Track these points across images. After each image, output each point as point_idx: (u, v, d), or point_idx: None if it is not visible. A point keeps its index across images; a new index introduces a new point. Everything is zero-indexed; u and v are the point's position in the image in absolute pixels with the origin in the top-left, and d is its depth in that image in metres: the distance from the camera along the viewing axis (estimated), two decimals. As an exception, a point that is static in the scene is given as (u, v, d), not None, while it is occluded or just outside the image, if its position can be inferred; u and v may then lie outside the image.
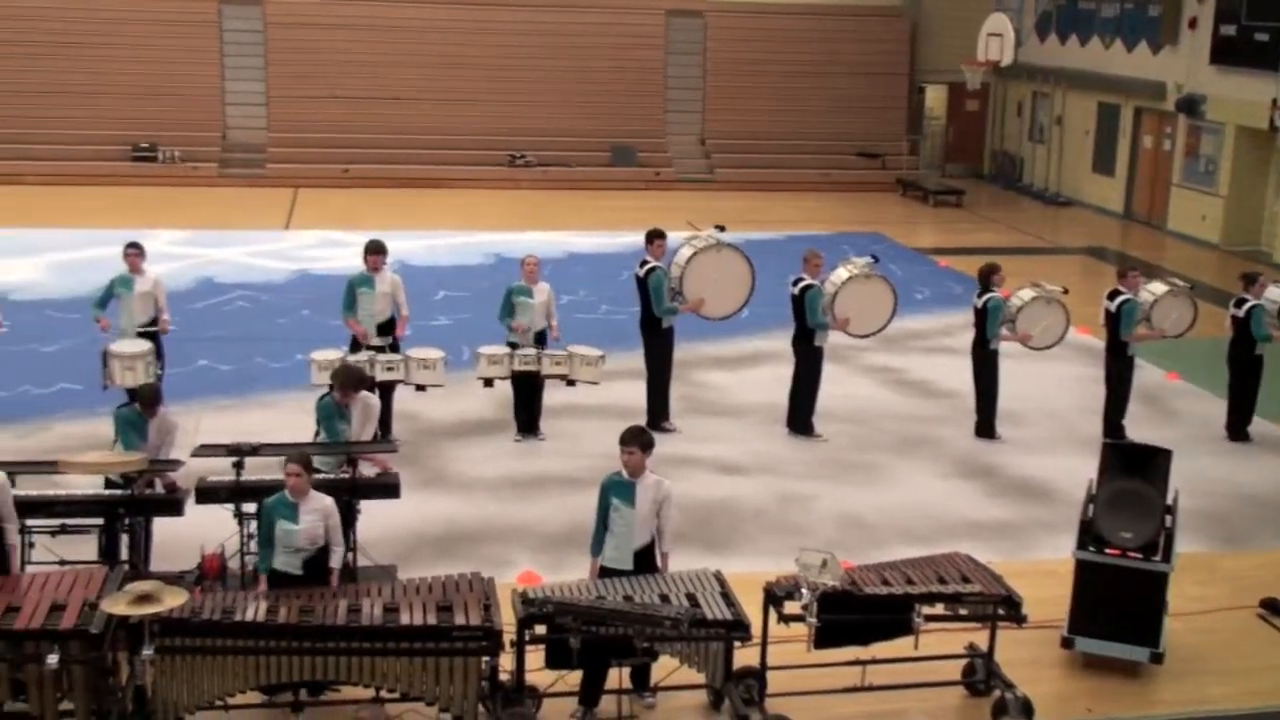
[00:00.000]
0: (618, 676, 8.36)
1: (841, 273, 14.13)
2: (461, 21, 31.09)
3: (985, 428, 14.21)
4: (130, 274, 13.31)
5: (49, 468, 9.76)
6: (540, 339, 13.65)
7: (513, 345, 13.54)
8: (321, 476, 9.52)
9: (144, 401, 10.13)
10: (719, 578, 8.52)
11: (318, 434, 10.67)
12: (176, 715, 7.80)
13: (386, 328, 13.47)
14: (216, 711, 8.05)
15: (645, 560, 8.68)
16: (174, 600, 7.53)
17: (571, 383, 13.58)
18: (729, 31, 32.47)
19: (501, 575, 9.14)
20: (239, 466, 9.69)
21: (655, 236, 14.08)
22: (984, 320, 13.96)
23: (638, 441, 8.58)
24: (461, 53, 30.98)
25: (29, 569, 9.00)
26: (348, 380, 10.49)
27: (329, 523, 8.63)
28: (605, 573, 8.66)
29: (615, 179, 30.80)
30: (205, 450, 10.11)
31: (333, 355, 12.85)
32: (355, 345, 13.35)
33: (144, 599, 7.46)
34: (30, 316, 17.11)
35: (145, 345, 12.87)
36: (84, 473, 9.83)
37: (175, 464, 9.98)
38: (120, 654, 7.88)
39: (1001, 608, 8.60)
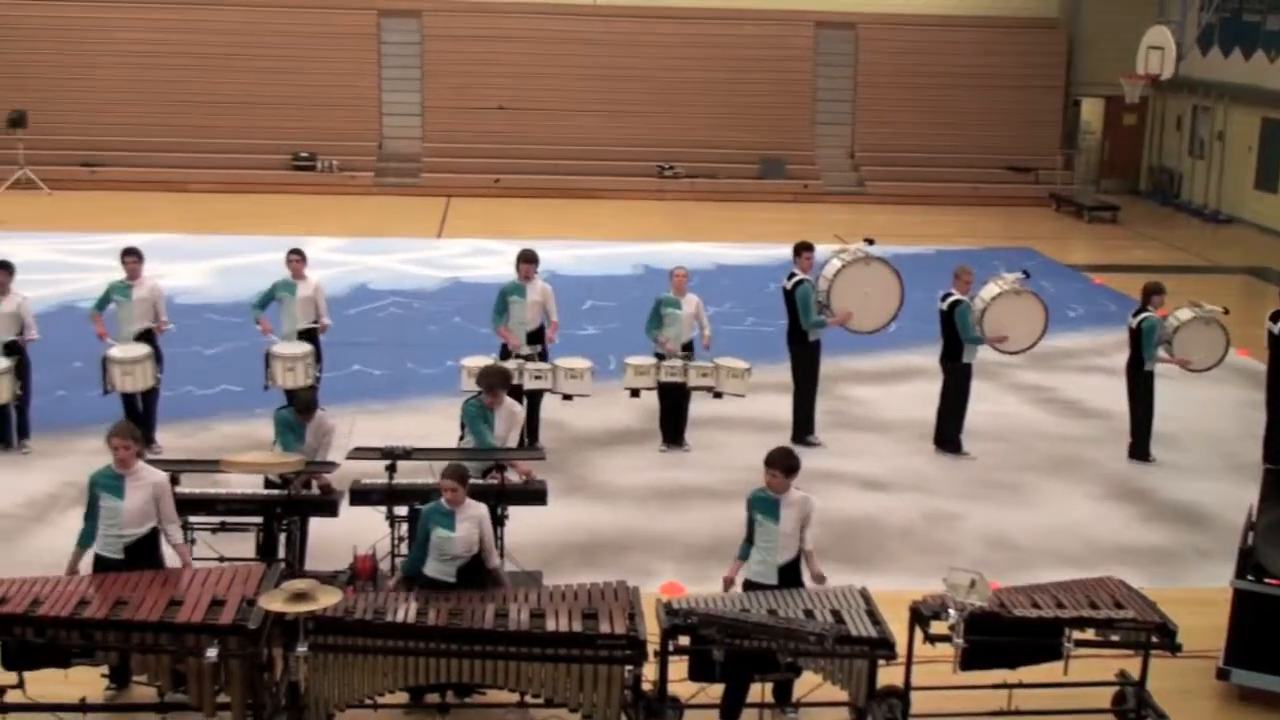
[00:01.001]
0: (759, 690, 8.34)
1: (992, 288, 13.93)
2: (612, 34, 31.36)
3: (1139, 450, 13.89)
4: (292, 279, 13.69)
5: (211, 467, 10.08)
6: (688, 349, 13.71)
7: (660, 356, 13.61)
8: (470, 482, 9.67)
9: (298, 409, 10.41)
10: (864, 595, 8.46)
11: (462, 438, 10.84)
12: (327, 712, 7.97)
13: (536, 336, 13.65)
14: (365, 710, 8.24)
15: (790, 575, 8.67)
16: (328, 599, 7.70)
17: (718, 395, 13.60)
18: (880, 43, 32.24)
19: (645, 585, 9.18)
20: (392, 470, 9.90)
21: (803, 249, 14.03)
22: (1139, 340, 13.65)
23: (781, 465, 8.56)
24: (612, 64, 31.24)
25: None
26: (494, 379, 10.63)
27: (483, 530, 8.78)
28: (749, 586, 8.66)
29: (763, 191, 30.78)
30: (359, 453, 10.35)
31: (483, 362, 13.03)
32: (505, 353, 13.54)
33: (299, 597, 7.65)
34: (193, 320, 17.65)
35: (306, 348, 13.25)
36: (244, 472, 10.13)
37: (331, 466, 10.23)
38: (275, 650, 8.10)
39: (1155, 635, 8.38)
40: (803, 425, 14.03)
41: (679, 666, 8.10)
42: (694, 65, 31.42)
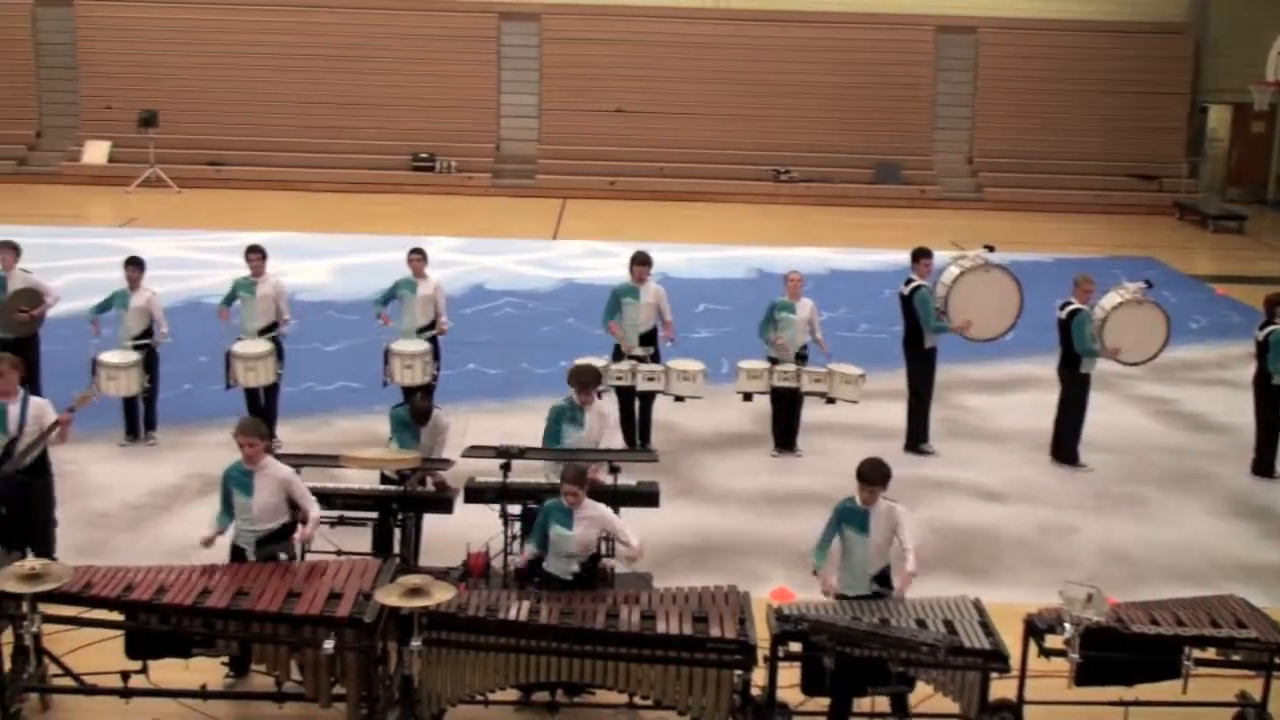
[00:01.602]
0: (870, 701, 8.27)
1: (1113, 297, 13.69)
2: (731, 37, 31.33)
3: (1264, 465, 13.56)
4: (414, 278, 13.89)
5: (330, 462, 10.25)
6: (802, 354, 13.67)
7: (773, 360, 13.60)
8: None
9: (414, 417, 10.54)
10: (978, 606, 8.37)
11: (554, 440, 10.82)
12: (439, 706, 8.09)
13: (649, 338, 13.71)
14: (476, 706, 8.34)
15: (882, 585, 8.64)
16: (442, 595, 7.81)
17: (831, 400, 13.55)
18: (1001, 48, 31.82)
19: (755, 590, 9.16)
20: (506, 469, 10.00)
21: (921, 255, 13.93)
22: (1267, 353, 13.32)
23: (879, 479, 8.51)
24: (729, 68, 31.21)
25: (309, 557, 9.48)
26: (586, 377, 10.63)
27: (609, 529, 8.86)
28: (841, 599, 8.61)
29: (879, 196, 30.53)
30: (475, 451, 10.46)
31: (596, 363, 13.15)
32: (618, 354, 13.62)
33: (414, 592, 7.77)
34: (314, 317, 17.98)
35: (424, 345, 13.48)
36: (362, 468, 10.31)
37: (446, 463, 10.37)
38: (390, 643, 8.24)
39: (1278, 656, 8.20)
40: (917, 433, 13.92)
41: (788, 672, 8.09)
42: (812, 69, 31.28)
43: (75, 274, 16.73)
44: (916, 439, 13.88)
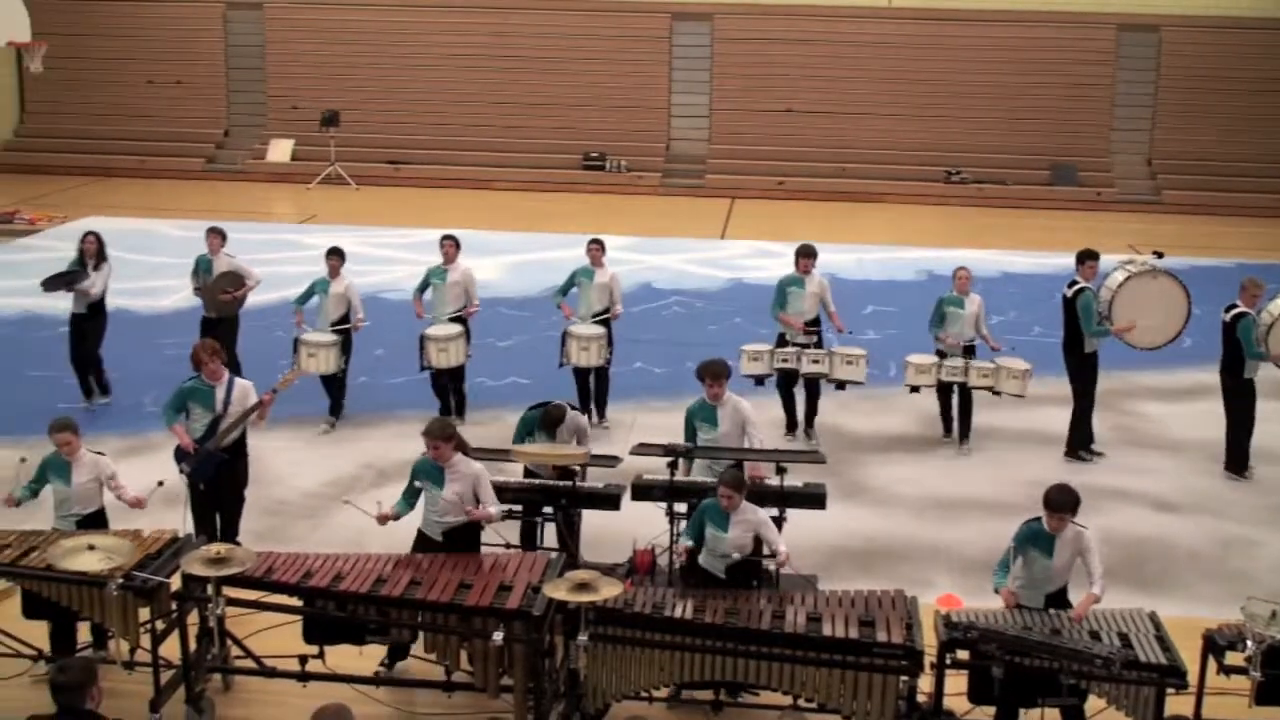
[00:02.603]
0: (1039, 713, 8.15)
1: None
2: (903, 36, 30.98)
3: None
4: (591, 266, 14.40)
5: (501, 456, 10.43)
6: (969, 351, 13.57)
7: (941, 355, 13.60)
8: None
9: (545, 423, 10.55)
10: (1154, 619, 8.17)
11: (690, 440, 10.70)
12: (604, 701, 8.18)
13: (812, 327, 13.89)
14: (640, 703, 8.41)
15: (1057, 602, 8.50)
16: (610, 591, 7.87)
17: (997, 393, 13.42)
18: (1186, 46, 30.86)
19: (920, 595, 9.07)
20: (673, 467, 10.06)
21: (1087, 257, 13.68)
22: None
23: (1069, 508, 8.35)
24: (902, 67, 30.88)
25: (481, 549, 9.66)
26: (717, 368, 10.46)
27: (761, 533, 8.88)
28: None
29: (1053, 198, 29.90)
30: (643, 449, 10.56)
31: (762, 348, 13.58)
32: (781, 341, 13.85)
33: (582, 587, 7.86)
34: (487, 313, 18.16)
35: (599, 329, 14.00)
36: (530, 462, 10.48)
37: (614, 460, 10.47)
38: (557, 637, 8.37)
39: None
40: (1077, 439, 13.61)
41: (955, 680, 8.01)
42: (986, 68, 30.78)
43: (260, 267, 17.16)
44: (1077, 444, 13.59)
